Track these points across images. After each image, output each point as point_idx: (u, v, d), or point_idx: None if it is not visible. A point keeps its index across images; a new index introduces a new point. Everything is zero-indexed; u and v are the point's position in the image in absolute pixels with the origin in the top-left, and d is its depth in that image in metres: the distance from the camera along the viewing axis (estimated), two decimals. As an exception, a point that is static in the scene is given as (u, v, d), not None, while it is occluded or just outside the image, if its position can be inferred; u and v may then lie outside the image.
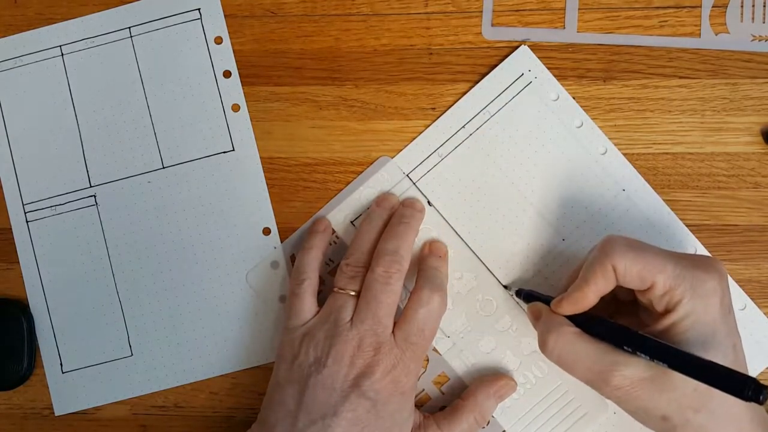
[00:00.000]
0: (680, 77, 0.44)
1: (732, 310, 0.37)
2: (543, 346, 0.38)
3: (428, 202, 0.44)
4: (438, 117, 0.45)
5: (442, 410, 0.42)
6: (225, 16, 0.46)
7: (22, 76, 0.47)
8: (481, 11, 0.45)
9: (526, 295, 0.42)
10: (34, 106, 0.47)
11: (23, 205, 0.46)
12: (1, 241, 0.46)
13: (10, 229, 0.46)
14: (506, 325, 0.44)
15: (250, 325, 0.45)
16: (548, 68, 0.45)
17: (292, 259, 0.45)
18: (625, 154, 0.44)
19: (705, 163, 0.44)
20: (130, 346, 0.45)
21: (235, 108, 0.46)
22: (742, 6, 0.44)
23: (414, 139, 0.45)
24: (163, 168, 0.46)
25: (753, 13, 0.44)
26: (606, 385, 0.35)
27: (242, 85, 0.46)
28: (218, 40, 0.46)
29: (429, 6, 0.45)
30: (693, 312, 0.35)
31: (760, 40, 0.44)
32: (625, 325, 0.36)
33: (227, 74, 0.46)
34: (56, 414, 0.46)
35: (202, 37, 0.46)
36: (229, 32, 0.46)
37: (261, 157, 0.46)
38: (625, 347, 0.35)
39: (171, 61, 0.46)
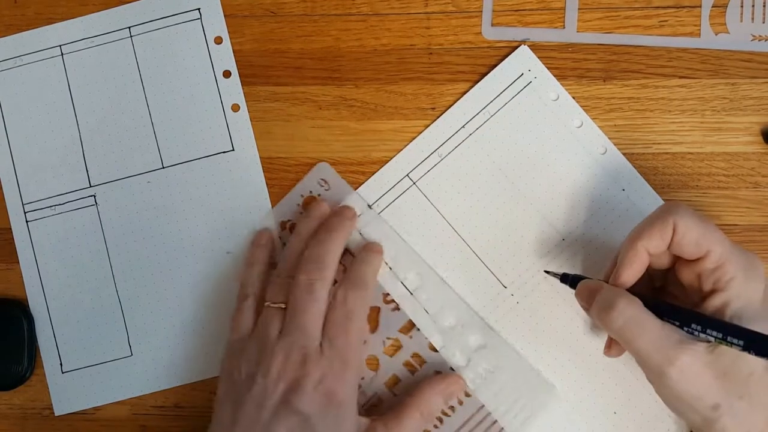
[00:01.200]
0: (680, 77, 0.44)
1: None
2: (608, 311, 0.36)
3: (368, 206, 0.44)
4: (438, 117, 0.45)
5: (388, 410, 0.41)
6: (225, 16, 0.46)
7: (21, 75, 0.47)
8: (481, 11, 0.45)
9: (573, 279, 0.40)
10: (34, 106, 0.47)
11: (23, 205, 0.46)
12: (1, 241, 0.46)
13: (10, 229, 0.46)
14: (452, 323, 0.43)
15: (250, 325, 0.45)
16: (548, 68, 0.45)
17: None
18: (624, 154, 0.44)
19: (705, 163, 0.44)
20: (130, 346, 0.45)
21: (235, 108, 0.46)
22: (741, 6, 0.44)
23: (414, 138, 0.45)
24: (163, 168, 0.46)
25: (753, 13, 0.44)
26: (670, 364, 0.34)
27: (242, 85, 0.46)
28: (218, 40, 0.46)
29: (429, 6, 0.45)
30: (744, 293, 0.35)
31: (759, 40, 0.44)
32: (684, 306, 0.36)
33: (227, 74, 0.46)
34: (56, 414, 0.46)
35: (202, 37, 0.46)
36: (228, 32, 0.46)
37: (261, 157, 0.46)
38: (693, 326, 0.35)
39: (171, 61, 0.46)
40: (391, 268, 0.44)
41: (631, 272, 0.37)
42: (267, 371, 0.38)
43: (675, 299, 0.38)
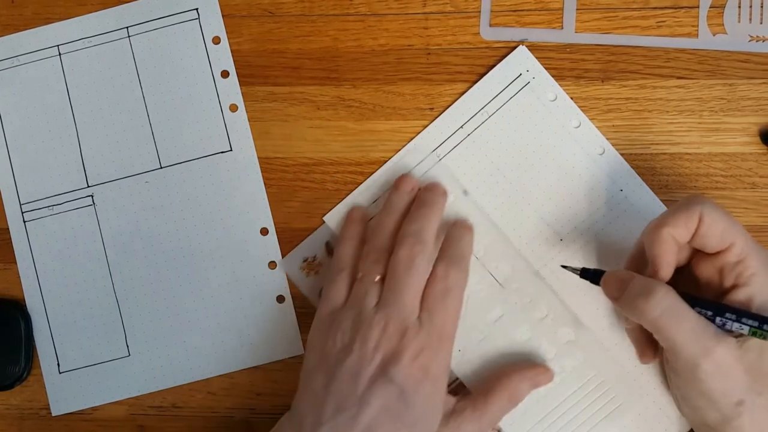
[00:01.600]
0: (678, 78, 0.44)
1: None
2: (646, 299, 0.35)
3: (464, 192, 0.44)
4: (436, 117, 0.45)
5: (474, 392, 0.42)
6: (223, 16, 0.46)
7: (19, 75, 0.47)
8: (479, 11, 0.45)
9: (594, 274, 0.40)
10: (32, 106, 0.47)
11: (20, 204, 0.46)
12: (-1, 241, 0.46)
13: (8, 229, 0.46)
14: (542, 314, 0.43)
15: (247, 325, 0.45)
16: (546, 68, 0.45)
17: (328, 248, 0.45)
18: (623, 155, 0.44)
19: (703, 164, 0.44)
20: (128, 346, 0.45)
21: (233, 108, 0.46)
22: (739, 6, 0.44)
23: (412, 139, 0.45)
24: (161, 168, 0.46)
25: (750, 14, 0.44)
26: (707, 356, 0.34)
27: (240, 85, 0.46)
28: (216, 40, 0.46)
29: (427, 6, 0.45)
30: (766, 288, 0.35)
31: (757, 41, 0.44)
32: (714, 300, 0.36)
33: (225, 74, 0.46)
34: (53, 414, 0.45)
35: (200, 37, 0.46)
36: (226, 32, 0.46)
37: (259, 157, 0.46)
38: (728, 315, 0.35)
39: (169, 61, 0.46)
40: (478, 258, 0.44)
41: (667, 263, 0.37)
42: (364, 341, 0.38)
43: (704, 288, 0.38)
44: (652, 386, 0.42)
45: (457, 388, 0.43)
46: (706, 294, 0.37)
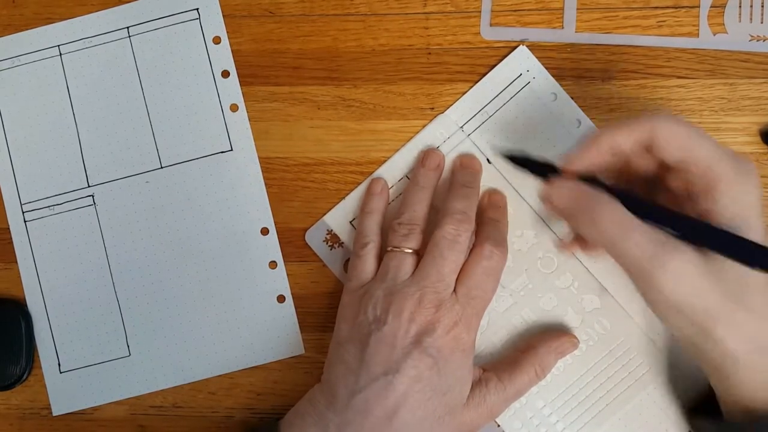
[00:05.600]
0: (678, 77, 0.44)
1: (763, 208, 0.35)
2: (592, 222, 0.34)
3: (487, 160, 0.44)
4: (436, 117, 0.45)
5: (500, 363, 0.42)
6: (223, 16, 0.46)
7: (20, 75, 0.47)
8: (480, 11, 0.45)
9: (521, 159, 0.40)
10: (32, 106, 0.47)
11: (21, 204, 0.46)
12: (-1, 241, 0.46)
13: (8, 228, 0.46)
14: (567, 283, 0.44)
15: (248, 325, 0.45)
16: (547, 68, 0.45)
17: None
18: (623, 154, 0.44)
19: (703, 163, 0.44)
20: (128, 346, 0.45)
21: (234, 108, 0.46)
22: (740, 6, 0.44)
23: (412, 139, 0.45)
24: (161, 168, 0.46)
25: (751, 14, 0.44)
26: (661, 268, 0.33)
27: (240, 85, 0.46)
28: (217, 40, 0.46)
29: (427, 6, 0.45)
30: (734, 197, 0.34)
31: (758, 40, 0.44)
32: (669, 207, 0.35)
33: (226, 74, 0.46)
34: (54, 414, 0.45)
35: (201, 36, 0.46)
36: (227, 32, 0.46)
37: (259, 157, 0.46)
38: (664, 226, 0.34)
39: (169, 61, 0.46)
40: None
41: (583, 157, 0.36)
42: (399, 312, 0.38)
43: (672, 197, 0.37)
44: (675, 354, 0.43)
45: (479, 360, 0.44)
46: (679, 204, 0.36)
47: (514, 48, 0.45)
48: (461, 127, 0.45)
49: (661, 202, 0.38)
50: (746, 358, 0.34)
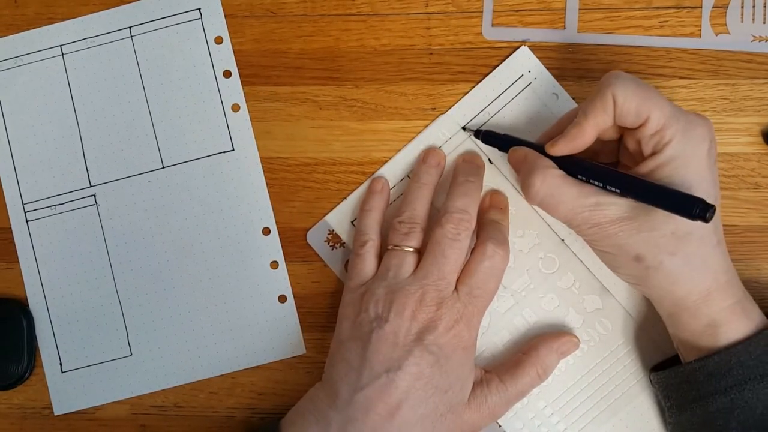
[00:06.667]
0: (680, 77, 0.44)
1: (716, 164, 0.37)
2: (527, 188, 0.38)
3: (489, 160, 0.44)
4: (438, 117, 0.45)
5: (502, 365, 0.42)
6: (225, 15, 0.46)
7: (22, 75, 0.47)
8: (482, 11, 0.45)
9: (485, 135, 0.43)
10: (34, 106, 0.47)
11: (23, 204, 0.46)
12: (1, 241, 0.46)
13: (10, 228, 0.46)
14: (569, 283, 0.44)
15: (249, 325, 0.45)
16: (548, 68, 0.45)
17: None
18: (625, 155, 0.44)
19: (705, 164, 0.44)
20: (130, 346, 0.45)
21: (235, 108, 0.46)
22: (742, 6, 0.44)
23: (414, 139, 0.45)
24: (163, 168, 0.46)
25: (753, 14, 0.44)
26: (585, 222, 0.37)
27: (242, 85, 0.46)
28: (218, 40, 0.46)
29: (429, 6, 0.45)
30: (681, 155, 0.36)
31: (760, 41, 0.44)
32: (607, 166, 0.38)
33: (227, 74, 0.46)
34: (56, 413, 0.46)
35: (203, 36, 0.46)
36: (229, 32, 0.46)
37: (261, 157, 0.46)
38: (597, 183, 0.37)
39: (171, 60, 0.46)
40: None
41: (569, 147, 0.38)
42: (401, 310, 0.39)
43: (627, 168, 0.39)
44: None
45: (480, 360, 0.44)
46: (637, 164, 0.38)
47: (516, 48, 0.45)
48: (463, 127, 0.45)
49: (623, 164, 0.40)
50: (686, 305, 0.37)
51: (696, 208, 0.33)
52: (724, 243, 0.38)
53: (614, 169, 0.38)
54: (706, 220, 0.33)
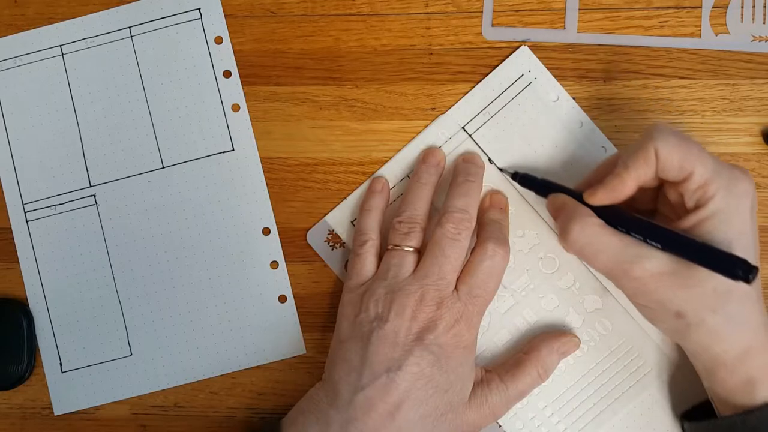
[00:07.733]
0: (680, 78, 0.44)
1: (756, 219, 0.37)
2: (566, 236, 0.37)
3: (489, 160, 0.44)
4: (438, 117, 0.45)
5: (502, 364, 0.42)
6: (225, 15, 0.46)
7: (22, 75, 0.47)
8: (482, 11, 0.45)
9: (522, 178, 0.42)
10: (34, 106, 0.47)
11: (23, 204, 0.46)
12: (1, 241, 0.46)
13: (10, 228, 0.46)
14: (569, 283, 0.44)
15: (249, 325, 0.45)
16: (548, 69, 0.45)
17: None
18: (625, 155, 0.44)
19: (705, 164, 0.44)
20: (130, 346, 0.45)
21: (235, 108, 0.46)
22: (742, 6, 0.44)
23: (414, 139, 0.45)
24: (163, 168, 0.46)
25: (753, 14, 0.44)
26: (626, 275, 0.36)
27: (242, 85, 0.46)
28: (218, 40, 0.46)
29: (429, 6, 0.45)
30: (725, 209, 0.35)
31: (760, 41, 0.44)
32: (647, 219, 0.37)
33: (227, 74, 0.46)
34: (56, 414, 0.46)
35: (203, 36, 0.46)
36: (229, 32, 0.46)
37: (261, 157, 0.46)
38: (637, 235, 0.36)
39: (171, 60, 0.46)
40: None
41: (609, 198, 0.37)
42: (401, 310, 0.39)
43: (666, 219, 0.39)
44: (678, 354, 0.43)
45: (479, 361, 0.44)
46: (678, 215, 0.37)
47: (516, 48, 0.45)
48: (463, 127, 0.45)
49: (661, 212, 0.39)
50: (724, 361, 0.36)
51: (739, 270, 0.33)
52: (762, 298, 0.37)
53: (655, 222, 0.37)
54: (749, 282, 0.33)
